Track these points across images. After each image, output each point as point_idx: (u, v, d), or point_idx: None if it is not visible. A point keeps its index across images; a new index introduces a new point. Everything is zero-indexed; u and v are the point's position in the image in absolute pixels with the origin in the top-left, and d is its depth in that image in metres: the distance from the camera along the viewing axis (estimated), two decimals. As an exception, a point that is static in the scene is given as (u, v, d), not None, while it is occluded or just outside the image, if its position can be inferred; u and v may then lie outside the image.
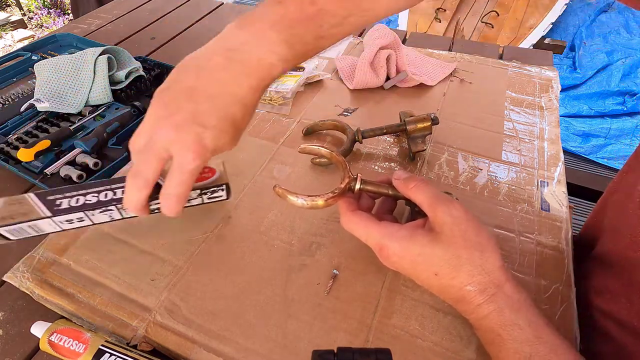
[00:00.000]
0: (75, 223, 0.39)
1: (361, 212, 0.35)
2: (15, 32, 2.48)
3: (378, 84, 0.63)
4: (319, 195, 0.35)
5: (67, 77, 0.62)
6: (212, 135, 0.30)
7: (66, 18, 2.71)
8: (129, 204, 0.33)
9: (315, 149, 0.40)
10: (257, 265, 0.40)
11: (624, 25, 1.84)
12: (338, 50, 0.74)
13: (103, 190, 0.39)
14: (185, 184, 0.31)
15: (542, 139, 0.54)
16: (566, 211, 0.44)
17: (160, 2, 0.99)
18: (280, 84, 0.63)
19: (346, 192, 0.37)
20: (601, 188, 0.69)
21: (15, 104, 0.63)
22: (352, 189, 0.37)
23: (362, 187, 0.37)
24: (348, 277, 0.39)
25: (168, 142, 0.30)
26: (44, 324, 0.35)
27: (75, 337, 0.34)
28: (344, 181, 0.36)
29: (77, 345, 0.33)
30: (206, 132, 0.29)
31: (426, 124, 0.48)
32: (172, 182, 0.31)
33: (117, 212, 0.39)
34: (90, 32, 0.87)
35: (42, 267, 0.40)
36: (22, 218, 0.37)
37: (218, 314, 0.36)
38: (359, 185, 0.36)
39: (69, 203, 0.38)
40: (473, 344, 0.34)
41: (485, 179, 0.48)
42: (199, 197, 0.41)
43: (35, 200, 0.38)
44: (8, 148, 0.54)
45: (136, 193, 0.32)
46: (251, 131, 0.56)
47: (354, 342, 0.34)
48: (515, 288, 0.31)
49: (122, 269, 0.40)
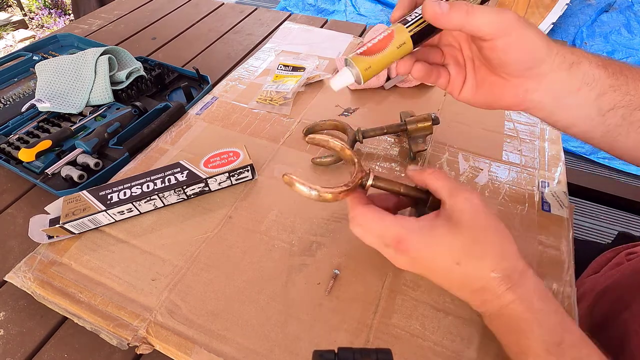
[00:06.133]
0: (126, 214, 0.44)
1: (375, 206, 0.33)
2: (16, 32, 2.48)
3: (378, 84, 0.63)
4: (329, 188, 0.32)
5: (68, 78, 0.62)
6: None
7: (67, 18, 2.71)
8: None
9: (323, 140, 0.38)
10: (257, 265, 0.40)
11: (625, 25, 1.84)
12: (338, 51, 0.74)
13: (144, 182, 0.44)
14: None
15: (542, 139, 0.54)
16: (567, 211, 0.44)
17: (161, 2, 0.99)
18: (280, 84, 0.63)
19: (357, 188, 0.34)
20: (602, 188, 0.69)
21: (16, 104, 0.63)
22: (364, 184, 0.35)
23: (374, 184, 0.35)
24: (348, 277, 0.39)
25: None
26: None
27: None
28: (356, 176, 0.34)
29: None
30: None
31: (427, 123, 0.48)
32: None
33: (160, 200, 0.44)
34: (91, 32, 0.87)
35: (44, 267, 0.40)
36: (83, 213, 0.41)
37: (219, 314, 0.36)
38: (371, 181, 0.35)
39: (118, 196, 0.43)
40: (474, 344, 0.34)
41: (486, 179, 0.48)
42: (227, 179, 0.47)
43: (89, 197, 0.43)
44: (9, 148, 0.55)
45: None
46: (252, 131, 0.56)
47: (355, 342, 0.34)
48: (536, 275, 0.31)
49: (122, 269, 0.40)
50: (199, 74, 0.67)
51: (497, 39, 0.30)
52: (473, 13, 0.29)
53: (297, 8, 2.41)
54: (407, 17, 0.33)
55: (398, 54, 0.33)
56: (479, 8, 0.30)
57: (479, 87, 0.36)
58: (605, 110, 0.33)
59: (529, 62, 0.32)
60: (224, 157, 0.47)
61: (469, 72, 0.37)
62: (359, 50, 0.33)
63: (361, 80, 0.33)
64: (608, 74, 0.32)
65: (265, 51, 0.74)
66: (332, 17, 2.29)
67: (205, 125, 0.57)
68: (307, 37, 0.79)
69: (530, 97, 0.34)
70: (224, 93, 0.63)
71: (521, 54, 0.31)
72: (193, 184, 0.44)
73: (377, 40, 0.32)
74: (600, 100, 0.33)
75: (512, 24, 0.29)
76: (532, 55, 0.31)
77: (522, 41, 0.30)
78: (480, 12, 0.29)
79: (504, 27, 0.30)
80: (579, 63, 0.32)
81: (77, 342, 0.37)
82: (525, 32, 0.30)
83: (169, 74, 0.69)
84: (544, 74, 0.32)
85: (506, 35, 0.30)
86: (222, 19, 0.92)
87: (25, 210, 0.49)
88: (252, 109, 0.60)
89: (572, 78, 0.32)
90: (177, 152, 0.53)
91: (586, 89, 0.32)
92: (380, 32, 0.33)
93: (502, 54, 0.31)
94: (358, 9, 2.32)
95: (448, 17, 0.30)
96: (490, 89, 0.35)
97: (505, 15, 0.29)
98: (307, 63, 0.68)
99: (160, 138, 0.55)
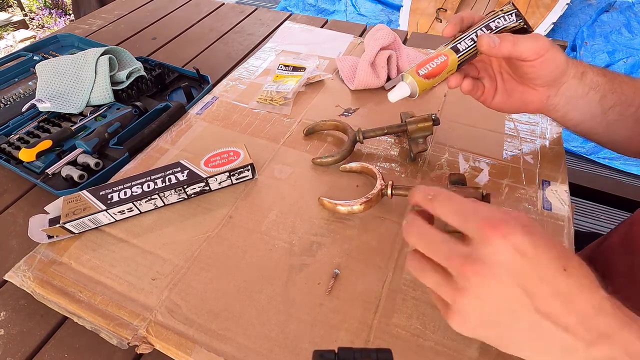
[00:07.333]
0: (127, 213, 0.44)
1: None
2: (17, 32, 2.48)
3: (379, 84, 0.63)
4: (354, 201, 0.42)
5: (68, 78, 0.63)
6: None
7: (67, 18, 2.72)
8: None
9: (347, 166, 0.49)
10: (258, 265, 0.40)
11: (625, 25, 1.84)
12: (339, 51, 0.74)
13: (145, 181, 0.44)
14: None
15: (543, 138, 0.54)
16: (568, 210, 0.44)
17: (161, 2, 0.99)
18: (281, 84, 0.63)
19: (379, 198, 0.43)
20: (602, 188, 0.69)
21: (16, 104, 0.64)
22: (385, 194, 0.43)
23: (393, 192, 0.43)
24: (349, 276, 0.39)
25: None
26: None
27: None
28: (377, 188, 0.43)
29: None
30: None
31: (427, 124, 0.48)
32: None
33: (160, 199, 0.44)
34: (92, 32, 0.87)
35: (43, 267, 0.40)
36: (83, 213, 0.41)
37: (219, 313, 0.36)
38: (390, 191, 0.43)
39: (119, 196, 0.43)
40: (475, 343, 0.34)
41: (487, 178, 0.48)
42: (228, 179, 0.47)
43: (89, 196, 0.43)
44: (10, 148, 0.55)
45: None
46: (252, 131, 0.56)
47: (355, 341, 0.34)
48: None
49: (123, 268, 0.40)
50: (199, 74, 0.67)
51: (536, 59, 0.38)
52: (518, 43, 0.38)
53: (297, 8, 2.41)
54: (459, 44, 0.41)
55: (445, 76, 0.42)
56: (522, 38, 0.38)
57: (509, 95, 0.44)
58: (606, 109, 0.42)
59: (555, 74, 0.40)
60: (224, 157, 0.47)
61: (499, 83, 0.44)
62: (419, 71, 0.41)
63: (416, 95, 0.42)
64: (606, 80, 0.41)
65: (266, 51, 0.74)
66: (333, 17, 2.29)
67: (206, 125, 0.57)
68: (307, 37, 0.79)
69: (551, 101, 0.42)
70: (224, 93, 0.63)
71: (550, 70, 0.39)
72: (193, 184, 0.45)
73: (435, 65, 0.41)
74: (603, 101, 0.41)
75: (546, 46, 0.38)
76: (558, 69, 0.40)
77: (553, 59, 0.39)
78: (522, 41, 0.38)
79: (540, 50, 0.38)
80: (586, 72, 0.41)
81: (77, 341, 0.37)
82: (554, 52, 0.38)
83: (169, 74, 0.69)
84: (562, 83, 0.41)
85: (542, 57, 0.38)
86: (223, 19, 0.92)
87: (26, 210, 0.49)
88: (253, 109, 0.60)
89: (582, 84, 0.41)
90: (178, 152, 0.53)
91: (592, 92, 0.41)
92: (436, 57, 0.41)
93: (537, 70, 0.39)
94: (358, 9, 2.32)
95: (499, 48, 0.38)
96: (520, 97, 0.44)
97: (540, 41, 0.38)
98: (307, 63, 0.68)
99: (161, 138, 0.55)
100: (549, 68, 0.39)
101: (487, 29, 0.40)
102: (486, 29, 0.40)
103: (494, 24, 0.41)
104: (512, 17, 0.41)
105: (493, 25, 0.40)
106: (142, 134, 0.55)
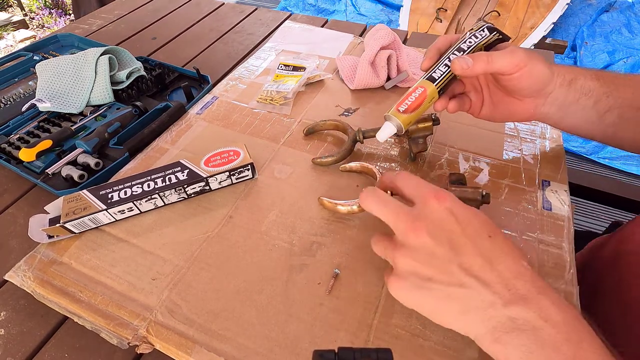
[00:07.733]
0: (127, 213, 0.44)
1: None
2: (17, 32, 2.49)
3: (379, 84, 0.63)
4: (354, 201, 0.42)
5: (68, 77, 0.63)
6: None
7: (67, 18, 2.72)
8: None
9: (347, 166, 0.49)
10: (258, 265, 0.40)
11: (625, 25, 1.84)
12: (339, 50, 0.74)
13: (145, 181, 0.44)
14: None
15: (543, 138, 0.54)
16: (568, 210, 0.44)
17: (161, 2, 0.99)
18: (281, 84, 0.63)
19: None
20: (602, 188, 0.69)
21: (16, 104, 0.64)
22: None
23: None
24: (349, 276, 0.39)
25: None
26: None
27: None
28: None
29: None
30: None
31: (427, 124, 0.48)
32: None
33: (160, 199, 0.44)
34: (92, 32, 0.87)
35: (44, 266, 0.40)
36: (83, 213, 0.41)
37: (219, 313, 0.36)
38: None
39: (119, 195, 0.43)
40: (475, 343, 0.34)
41: (487, 178, 0.48)
42: (228, 178, 0.47)
43: (89, 196, 0.43)
44: (10, 148, 0.55)
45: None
46: (252, 131, 0.56)
47: (355, 341, 0.34)
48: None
49: (123, 268, 0.40)
50: (199, 74, 0.67)
51: (514, 73, 0.39)
52: (492, 60, 0.38)
53: (297, 8, 2.41)
54: (434, 73, 0.41)
55: (429, 105, 0.42)
56: (496, 54, 0.38)
57: (496, 106, 0.45)
58: (602, 113, 0.42)
59: (537, 85, 0.40)
60: (224, 156, 0.47)
61: (485, 95, 0.45)
62: (399, 108, 0.41)
63: (402, 131, 0.42)
64: (600, 84, 0.41)
65: (266, 51, 0.74)
66: (333, 17, 2.29)
67: (206, 124, 0.57)
68: (307, 36, 0.79)
69: (540, 110, 0.43)
70: (224, 93, 0.63)
71: (531, 81, 0.40)
72: (193, 183, 0.45)
73: (414, 99, 0.41)
74: (597, 105, 0.41)
75: (523, 60, 0.38)
76: (539, 80, 0.40)
77: (532, 72, 0.39)
78: (497, 57, 0.38)
79: (517, 64, 0.38)
80: (576, 79, 0.41)
81: (78, 341, 0.37)
82: (533, 63, 0.38)
83: (169, 73, 0.69)
84: (548, 92, 0.41)
85: (520, 70, 0.38)
86: (223, 19, 0.92)
87: (26, 210, 0.49)
88: (253, 109, 0.60)
89: (571, 92, 0.41)
90: (178, 152, 0.53)
91: (584, 98, 0.41)
92: (414, 90, 0.41)
93: (517, 83, 0.40)
94: (358, 8, 2.32)
95: (473, 68, 0.38)
96: (507, 108, 0.44)
97: (517, 54, 0.38)
98: (307, 63, 0.68)
99: (161, 138, 0.55)
100: (531, 80, 0.39)
101: (459, 52, 0.40)
102: (458, 51, 0.41)
103: (465, 44, 0.41)
104: (485, 32, 0.41)
105: (465, 47, 0.41)
106: (142, 133, 0.55)
